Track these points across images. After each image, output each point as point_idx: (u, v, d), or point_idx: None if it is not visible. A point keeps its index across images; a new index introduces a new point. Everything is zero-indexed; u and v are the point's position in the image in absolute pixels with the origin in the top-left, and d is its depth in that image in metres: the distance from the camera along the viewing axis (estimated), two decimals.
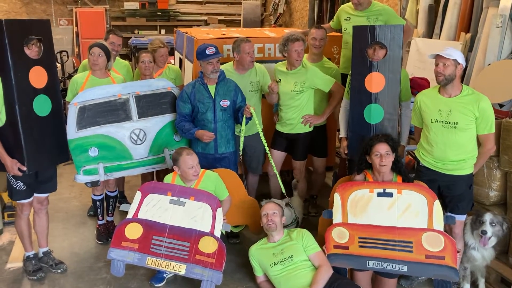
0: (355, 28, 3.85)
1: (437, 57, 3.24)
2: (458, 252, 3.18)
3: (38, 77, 3.40)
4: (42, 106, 3.45)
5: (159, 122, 4.05)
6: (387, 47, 3.66)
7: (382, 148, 3.33)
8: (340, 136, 4.15)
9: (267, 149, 4.10)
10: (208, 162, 3.93)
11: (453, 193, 3.38)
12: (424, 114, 3.41)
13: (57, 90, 3.61)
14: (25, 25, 3.35)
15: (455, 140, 3.28)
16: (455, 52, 3.24)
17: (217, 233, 3.40)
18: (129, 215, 3.46)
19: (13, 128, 3.33)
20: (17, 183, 3.52)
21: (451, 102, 3.28)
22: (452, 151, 3.30)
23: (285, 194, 4.14)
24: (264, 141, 4.05)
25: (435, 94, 3.37)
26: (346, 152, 3.99)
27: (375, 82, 3.71)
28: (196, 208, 3.44)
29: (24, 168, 3.40)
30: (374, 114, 3.75)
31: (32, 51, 3.35)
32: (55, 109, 3.56)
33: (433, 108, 3.34)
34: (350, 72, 3.95)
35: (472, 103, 3.21)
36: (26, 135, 3.36)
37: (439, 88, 3.36)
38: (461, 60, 3.23)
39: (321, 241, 3.40)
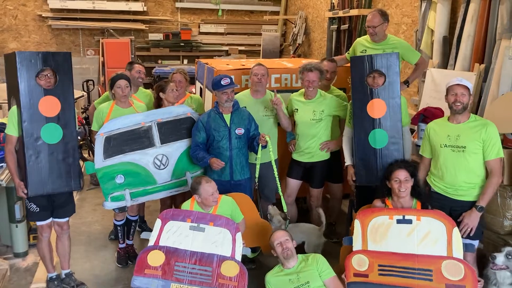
0: (353, 58, 4.05)
1: (456, 86, 3.39)
2: (479, 281, 3.17)
3: (49, 106, 3.55)
4: (51, 133, 3.57)
5: (180, 147, 4.21)
6: (385, 74, 3.80)
7: (401, 175, 3.44)
8: (346, 164, 4.20)
9: (277, 178, 4.19)
10: (224, 189, 4.03)
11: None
12: (433, 141, 3.53)
13: (70, 120, 3.67)
14: (39, 57, 3.52)
15: (464, 164, 3.38)
16: (469, 83, 3.43)
17: (238, 257, 3.46)
18: (151, 243, 3.50)
19: (22, 152, 3.54)
20: (30, 204, 3.69)
21: (460, 127, 3.42)
22: (462, 175, 3.40)
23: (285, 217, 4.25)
24: (275, 171, 4.16)
25: (445, 121, 3.53)
26: (354, 179, 4.06)
27: (377, 108, 3.84)
28: (216, 234, 3.51)
29: (26, 191, 3.55)
30: (379, 139, 3.85)
31: (44, 81, 3.52)
32: (67, 138, 3.65)
33: (442, 134, 3.48)
34: (350, 101, 4.07)
35: (479, 128, 3.35)
36: (29, 160, 3.52)
37: (448, 117, 3.51)
38: (471, 91, 3.42)
39: (342, 270, 3.42)
